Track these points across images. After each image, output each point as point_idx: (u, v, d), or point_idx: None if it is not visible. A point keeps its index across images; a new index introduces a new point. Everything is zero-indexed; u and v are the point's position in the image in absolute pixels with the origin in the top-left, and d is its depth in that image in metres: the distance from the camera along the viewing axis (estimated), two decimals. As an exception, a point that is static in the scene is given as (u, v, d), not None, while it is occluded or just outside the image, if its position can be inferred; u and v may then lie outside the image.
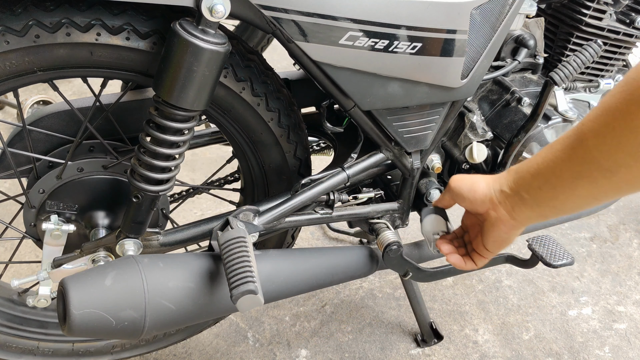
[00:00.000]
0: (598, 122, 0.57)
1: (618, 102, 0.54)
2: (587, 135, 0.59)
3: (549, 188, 0.66)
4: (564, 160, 0.62)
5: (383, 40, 0.81)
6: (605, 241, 1.85)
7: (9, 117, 2.23)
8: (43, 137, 0.95)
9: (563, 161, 0.63)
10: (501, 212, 0.74)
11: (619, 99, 0.54)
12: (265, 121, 0.92)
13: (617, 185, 0.59)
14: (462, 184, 0.80)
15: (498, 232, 0.77)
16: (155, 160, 0.82)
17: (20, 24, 0.72)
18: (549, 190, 0.66)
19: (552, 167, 0.65)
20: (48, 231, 0.93)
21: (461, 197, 0.81)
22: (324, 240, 1.74)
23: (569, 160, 0.62)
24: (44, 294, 0.99)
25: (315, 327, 1.44)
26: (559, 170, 0.64)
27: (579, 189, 0.62)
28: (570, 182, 0.63)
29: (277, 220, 0.91)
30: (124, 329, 0.72)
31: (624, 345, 1.47)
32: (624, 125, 0.53)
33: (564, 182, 0.63)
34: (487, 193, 0.75)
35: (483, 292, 1.60)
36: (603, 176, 0.59)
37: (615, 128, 0.55)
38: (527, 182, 0.69)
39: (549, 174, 0.65)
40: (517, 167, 0.72)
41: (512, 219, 0.74)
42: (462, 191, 0.80)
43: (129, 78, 0.84)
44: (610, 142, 0.56)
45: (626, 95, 0.53)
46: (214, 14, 0.71)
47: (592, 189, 0.61)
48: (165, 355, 1.33)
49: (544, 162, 0.66)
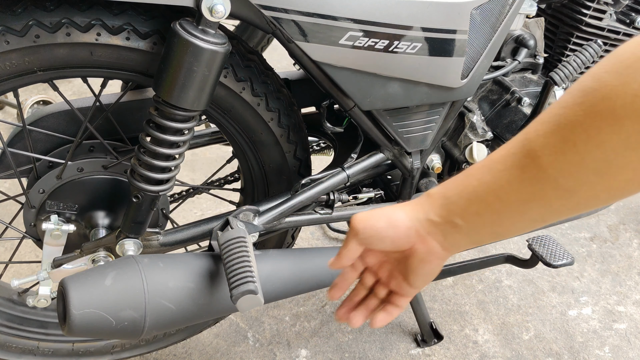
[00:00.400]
0: (553, 138, 0.51)
1: (578, 115, 0.49)
2: (539, 153, 0.52)
3: (491, 213, 0.58)
4: (511, 182, 0.55)
5: (383, 40, 0.81)
6: (605, 241, 1.85)
7: (9, 117, 2.23)
8: (43, 137, 0.94)
9: (510, 183, 0.55)
10: (432, 245, 0.64)
11: (579, 112, 0.49)
12: (265, 121, 0.92)
13: (574, 206, 0.54)
14: (375, 222, 0.65)
15: (429, 267, 0.66)
16: (155, 160, 0.82)
17: (20, 24, 0.72)
18: (491, 216, 0.58)
19: (494, 190, 0.57)
20: (48, 231, 0.93)
21: (378, 238, 0.65)
22: (324, 240, 1.74)
23: (518, 181, 0.55)
24: (44, 294, 0.99)
25: (315, 327, 1.44)
26: (504, 194, 0.56)
27: (529, 212, 0.56)
28: (519, 205, 0.56)
29: (277, 220, 0.91)
30: (124, 329, 0.72)
31: (624, 345, 1.47)
32: (588, 141, 0.48)
33: (511, 206, 0.56)
34: (410, 225, 0.64)
35: (483, 292, 1.60)
36: (560, 197, 0.53)
37: (577, 144, 0.49)
38: (462, 207, 0.60)
39: (491, 198, 0.57)
40: (443, 190, 0.63)
41: (444, 249, 0.64)
42: (379, 230, 0.64)
43: (129, 78, 0.84)
44: (571, 160, 0.50)
45: (588, 108, 0.48)
46: (214, 14, 0.71)
47: (545, 211, 0.55)
48: (165, 355, 1.33)
49: (481, 185, 0.58)
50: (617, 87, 0.46)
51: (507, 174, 0.55)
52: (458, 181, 0.61)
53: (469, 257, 1.66)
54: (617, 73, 0.46)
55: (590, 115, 0.48)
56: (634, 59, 0.45)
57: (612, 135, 0.47)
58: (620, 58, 0.47)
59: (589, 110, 0.48)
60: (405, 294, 0.71)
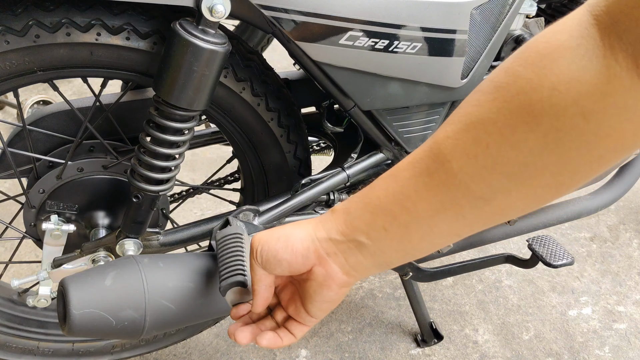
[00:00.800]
0: (464, 139, 0.45)
1: (490, 112, 0.43)
2: (448, 157, 0.46)
3: (397, 227, 0.51)
4: (419, 190, 0.49)
5: (383, 40, 0.81)
6: (605, 241, 1.85)
7: (9, 117, 2.23)
8: (43, 137, 0.94)
9: (417, 191, 0.49)
10: (332, 268, 0.56)
11: (491, 109, 0.43)
12: (265, 121, 0.92)
13: (488, 216, 0.48)
14: (274, 244, 0.57)
15: (328, 293, 0.58)
16: (155, 160, 0.82)
17: (20, 24, 0.72)
18: (398, 230, 0.51)
19: (401, 201, 0.50)
20: (48, 231, 0.93)
21: (275, 260, 0.57)
22: (324, 240, 1.73)
23: (426, 189, 0.48)
24: (44, 294, 0.99)
25: (315, 327, 1.44)
26: (411, 204, 0.50)
27: (440, 224, 0.50)
28: (429, 217, 0.49)
29: (277, 220, 0.91)
30: (124, 329, 0.72)
31: (624, 345, 1.47)
32: (502, 141, 0.43)
33: (420, 218, 0.50)
34: (309, 245, 0.56)
35: (483, 292, 1.60)
36: (473, 206, 0.47)
37: (489, 145, 0.44)
38: (366, 222, 0.53)
39: (398, 209, 0.50)
40: (347, 205, 0.55)
41: (345, 274, 0.56)
42: (276, 253, 0.57)
43: (129, 78, 0.84)
44: (484, 163, 0.44)
45: (501, 104, 0.43)
46: (214, 14, 0.71)
47: (457, 223, 0.49)
48: (165, 355, 1.33)
49: (387, 196, 0.51)
50: (533, 80, 0.41)
51: (414, 181, 0.49)
52: (363, 194, 0.54)
53: (468, 257, 1.66)
54: (533, 65, 0.41)
55: (504, 112, 0.43)
56: (550, 49, 0.40)
57: (529, 134, 0.42)
58: (535, 49, 0.41)
59: (502, 106, 0.43)
60: (302, 321, 0.63)
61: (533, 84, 0.41)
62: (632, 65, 0.37)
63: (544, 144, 0.41)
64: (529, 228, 1.23)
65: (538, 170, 0.43)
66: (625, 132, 0.40)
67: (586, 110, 0.39)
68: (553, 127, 0.41)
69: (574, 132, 0.40)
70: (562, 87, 0.39)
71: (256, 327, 0.66)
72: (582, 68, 0.39)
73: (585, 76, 0.39)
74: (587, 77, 0.38)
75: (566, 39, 0.39)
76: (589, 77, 0.38)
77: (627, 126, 0.39)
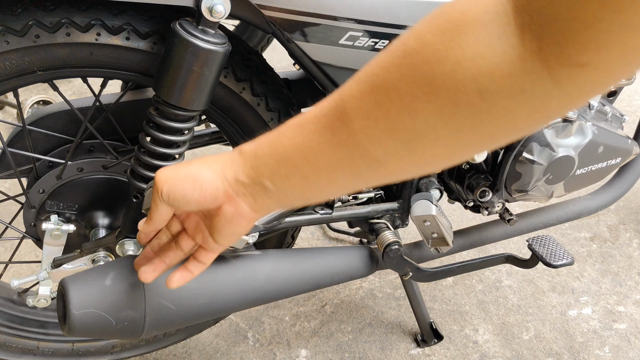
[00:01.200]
0: (367, 101, 0.46)
1: (395, 78, 0.43)
2: (352, 117, 0.47)
3: (299, 178, 0.53)
4: (321, 145, 0.50)
5: (383, 40, 0.81)
6: (605, 241, 1.85)
7: (9, 117, 2.23)
8: (43, 137, 0.95)
9: (320, 147, 0.50)
10: (241, 207, 0.58)
11: (396, 75, 0.43)
12: (265, 121, 0.92)
13: (382, 176, 0.50)
14: (181, 183, 0.59)
15: (237, 228, 0.61)
16: (155, 160, 0.82)
17: (20, 24, 0.72)
18: (300, 181, 0.53)
19: (304, 153, 0.52)
20: (48, 231, 0.93)
21: (183, 199, 0.59)
22: (324, 240, 1.74)
23: (328, 145, 0.50)
24: (44, 294, 0.99)
25: (315, 327, 1.44)
26: (313, 158, 0.51)
27: (338, 179, 0.52)
28: (328, 172, 0.51)
29: (277, 220, 0.91)
30: (124, 329, 0.72)
31: (624, 345, 1.47)
32: (402, 108, 0.43)
33: (320, 173, 0.52)
34: (218, 186, 0.58)
35: (483, 292, 1.60)
36: (368, 166, 0.49)
37: (390, 110, 0.44)
38: (271, 169, 0.55)
39: (300, 161, 0.52)
40: (255, 148, 0.57)
41: (253, 211, 0.59)
42: (184, 193, 0.58)
43: (129, 78, 0.84)
44: (383, 127, 0.45)
45: (406, 71, 0.42)
46: (214, 14, 0.71)
47: (353, 180, 0.51)
48: (165, 355, 1.33)
49: (292, 146, 0.53)
50: (440, 52, 0.40)
51: (318, 136, 0.50)
52: (270, 139, 0.56)
53: (469, 257, 1.66)
54: (442, 34, 0.41)
55: (407, 80, 0.43)
56: (463, 20, 0.40)
57: (427, 105, 0.42)
58: (448, 17, 0.41)
59: (407, 74, 0.43)
60: (210, 249, 0.65)
61: (439, 55, 0.41)
62: (536, 48, 0.37)
63: (440, 116, 0.42)
64: (529, 228, 1.23)
65: (431, 141, 0.44)
66: (519, 115, 0.40)
67: (483, 88, 0.39)
68: (450, 100, 0.41)
69: (469, 109, 0.41)
70: (465, 63, 0.39)
71: (160, 261, 0.67)
72: (488, 46, 0.39)
73: (489, 54, 0.39)
74: (491, 55, 0.39)
75: (480, 12, 0.39)
76: (492, 56, 0.39)
77: (520, 109, 0.40)
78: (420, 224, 1.01)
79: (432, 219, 0.98)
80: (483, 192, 1.11)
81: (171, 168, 0.60)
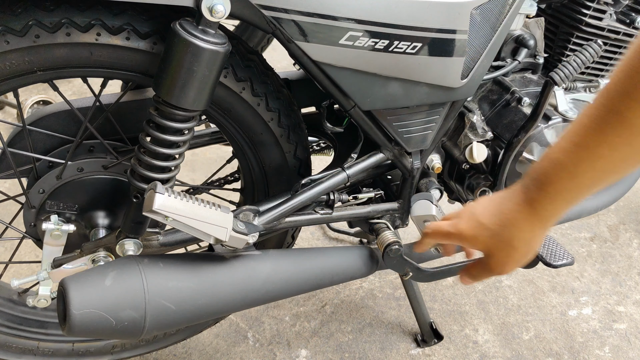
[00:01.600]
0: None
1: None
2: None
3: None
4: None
5: (383, 40, 0.81)
6: (605, 241, 1.85)
7: (9, 117, 2.23)
8: (43, 137, 0.94)
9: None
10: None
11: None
12: (265, 121, 0.92)
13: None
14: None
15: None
16: (155, 160, 0.82)
17: (20, 24, 0.72)
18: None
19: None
20: (48, 231, 0.93)
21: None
22: (324, 240, 1.74)
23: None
24: (44, 294, 0.99)
25: (315, 327, 1.44)
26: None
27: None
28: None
29: (277, 220, 0.91)
30: (124, 329, 0.72)
31: (624, 345, 1.47)
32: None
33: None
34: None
35: (483, 292, 1.60)
36: None
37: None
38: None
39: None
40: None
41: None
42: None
43: (129, 78, 0.84)
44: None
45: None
46: (214, 14, 0.71)
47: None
48: (165, 355, 1.33)
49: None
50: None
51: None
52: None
53: (469, 257, 1.66)
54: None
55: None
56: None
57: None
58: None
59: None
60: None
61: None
62: None
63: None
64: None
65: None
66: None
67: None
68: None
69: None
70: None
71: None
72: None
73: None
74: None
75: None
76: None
77: None
78: (420, 224, 1.01)
79: (432, 219, 0.98)
80: (483, 192, 1.11)
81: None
